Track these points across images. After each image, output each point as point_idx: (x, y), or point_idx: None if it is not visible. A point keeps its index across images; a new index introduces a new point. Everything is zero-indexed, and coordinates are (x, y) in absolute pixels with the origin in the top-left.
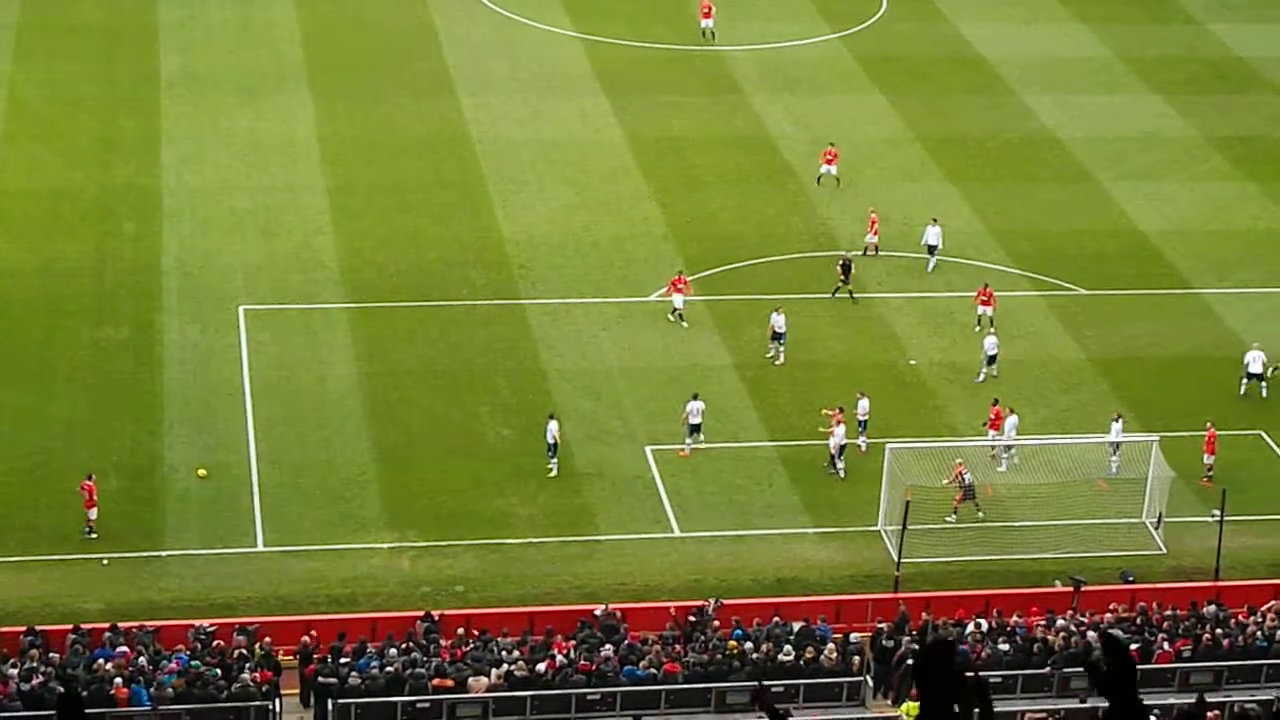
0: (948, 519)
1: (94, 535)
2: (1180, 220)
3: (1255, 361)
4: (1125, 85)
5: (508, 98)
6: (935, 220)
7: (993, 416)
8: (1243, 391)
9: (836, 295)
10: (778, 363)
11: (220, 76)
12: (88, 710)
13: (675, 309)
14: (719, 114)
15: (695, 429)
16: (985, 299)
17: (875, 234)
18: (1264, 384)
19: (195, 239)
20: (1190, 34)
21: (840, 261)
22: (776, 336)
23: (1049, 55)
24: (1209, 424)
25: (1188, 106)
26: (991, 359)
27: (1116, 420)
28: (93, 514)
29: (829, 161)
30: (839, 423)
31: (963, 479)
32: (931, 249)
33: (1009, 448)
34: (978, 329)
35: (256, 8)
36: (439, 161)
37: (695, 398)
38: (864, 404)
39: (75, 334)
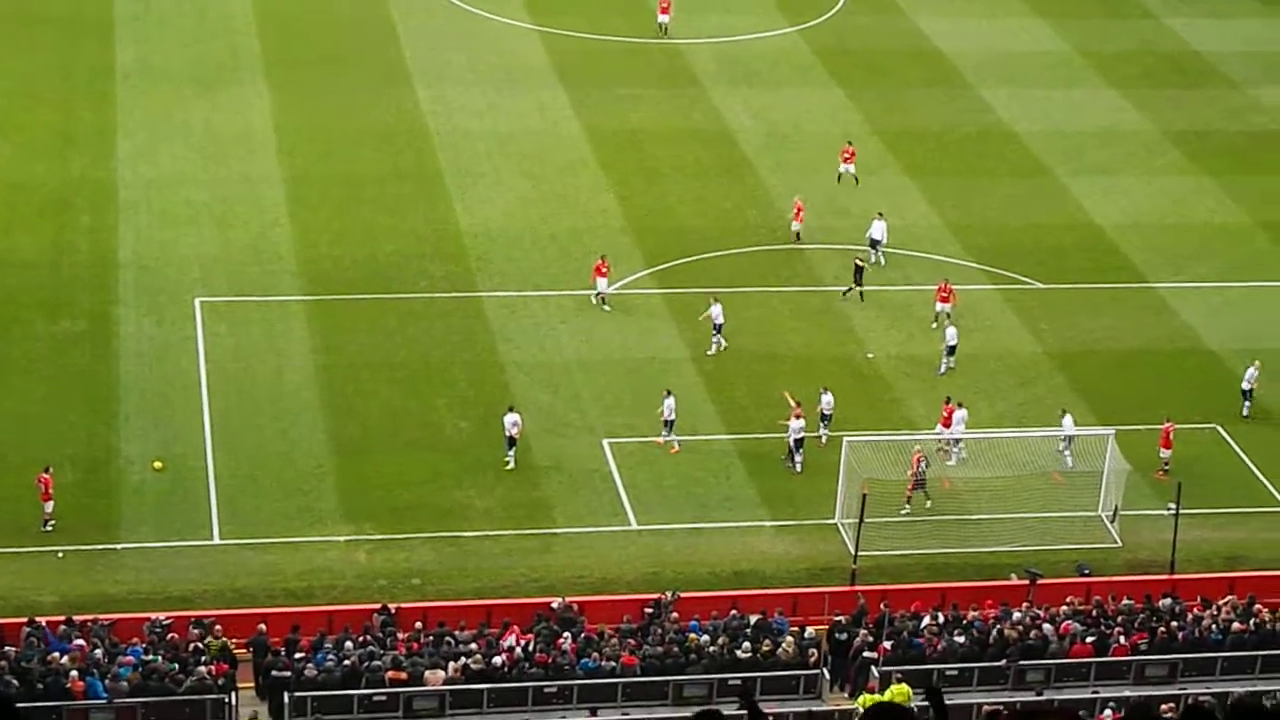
0: (902, 510)
1: (50, 528)
2: (1136, 214)
3: (1250, 378)
4: (1082, 80)
5: (465, 90)
6: (881, 215)
7: (945, 414)
8: (1245, 413)
9: (847, 296)
10: (711, 352)
11: (176, 68)
12: (42, 704)
13: (598, 293)
14: (677, 107)
15: (669, 425)
16: (945, 295)
17: (800, 221)
18: (1247, 402)
19: (151, 231)
20: (1147, 28)
21: (856, 260)
22: (716, 328)
23: (1006, 49)
24: (1166, 418)
25: (1144, 101)
26: (951, 349)
27: (1064, 415)
28: (49, 507)
29: (847, 160)
30: (797, 416)
31: (921, 467)
32: (874, 243)
33: (957, 441)
34: (934, 325)
35: None
36: (396, 154)
37: (669, 394)
38: (828, 398)
39: (31, 326)
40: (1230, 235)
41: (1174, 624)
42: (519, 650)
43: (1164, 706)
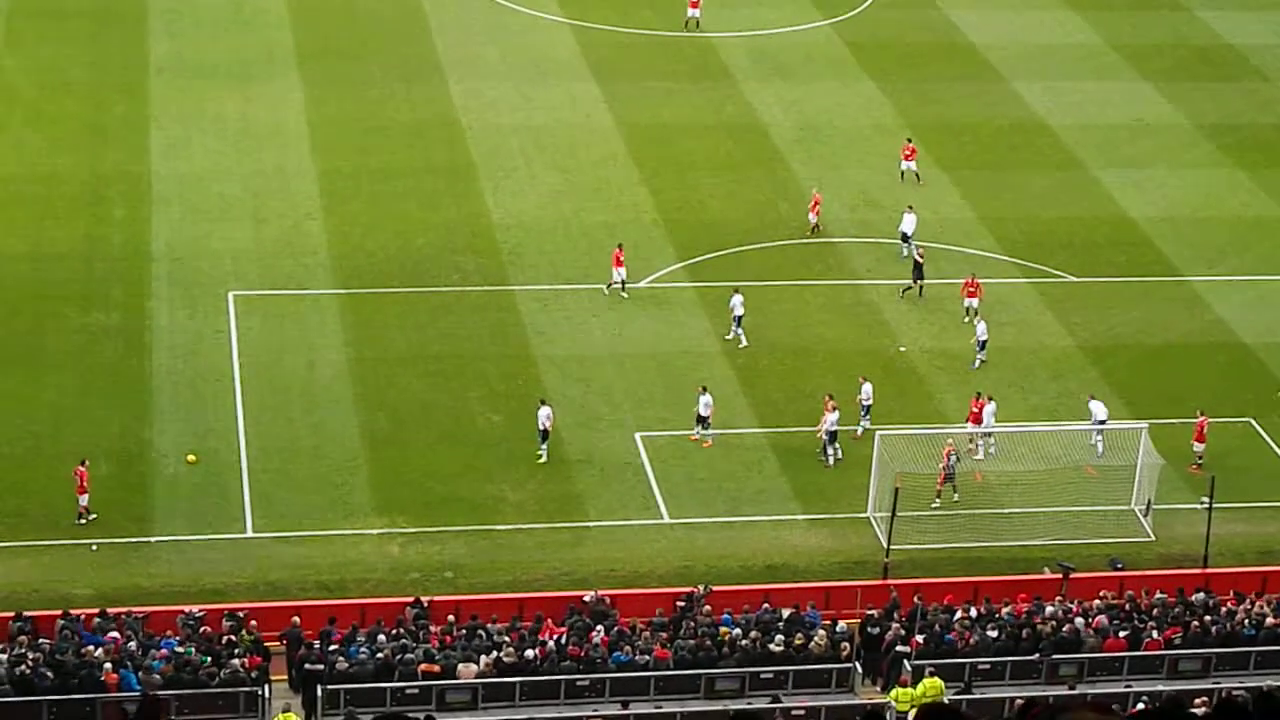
0: (933, 505)
1: (84, 521)
2: (1169, 207)
3: None
4: (1115, 72)
5: (497, 83)
6: (911, 208)
7: (975, 409)
8: None
9: (905, 294)
10: (729, 337)
11: (210, 62)
12: (77, 696)
13: (613, 282)
14: (709, 100)
15: (702, 420)
16: (972, 290)
17: (817, 214)
18: None
19: (185, 225)
20: (1179, 20)
21: (915, 258)
22: (737, 319)
23: (1038, 42)
24: (1199, 412)
25: (1177, 93)
26: (982, 344)
27: (1091, 401)
28: (84, 500)
29: (909, 157)
30: (833, 409)
31: (950, 460)
32: (906, 237)
33: (988, 434)
34: (966, 320)
35: None
36: (429, 147)
37: (704, 391)
38: (867, 388)
39: (65, 320)
40: (1263, 228)
41: (1207, 618)
42: (551, 643)
43: (1197, 700)
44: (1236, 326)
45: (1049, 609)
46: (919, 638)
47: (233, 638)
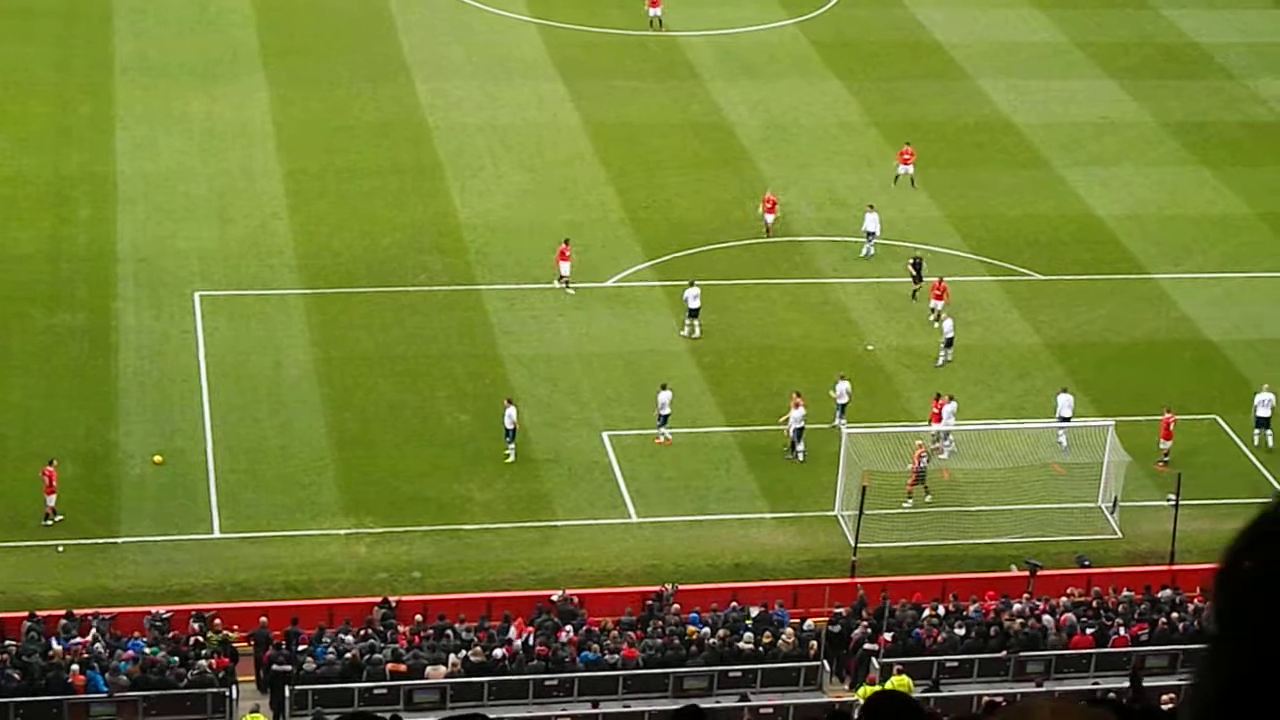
0: (904, 504)
1: (50, 523)
2: (1135, 205)
3: (1264, 405)
4: (1080, 70)
5: (463, 83)
6: (872, 207)
7: (935, 409)
8: (1256, 442)
9: (916, 297)
10: (683, 334)
11: (175, 61)
12: (44, 697)
13: (561, 276)
14: (675, 99)
15: (664, 419)
16: (939, 293)
17: (772, 214)
18: (1269, 432)
19: (150, 225)
20: (1144, 19)
21: (911, 260)
22: (692, 313)
23: (1004, 40)
24: (1166, 409)
25: (1142, 91)
26: (949, 342)
27: (1063, 393)
28: (52, 500)
29: (906, 160)
30: (797, 405)
31: (921, 462)
32: (869, 235)
33: (947, 434)
34: (932, 319)
35: None
36: (395, 147)
37: (664, 388)
38: (843, 386)
39: (30, 320)
40: (1229, 226)
41: (1174, 615)
42: (519, 643)
43: (1164, 697)
44: (1202, 324)
45: (1016, 606)
46: (887, 635)
47: (200, 639)
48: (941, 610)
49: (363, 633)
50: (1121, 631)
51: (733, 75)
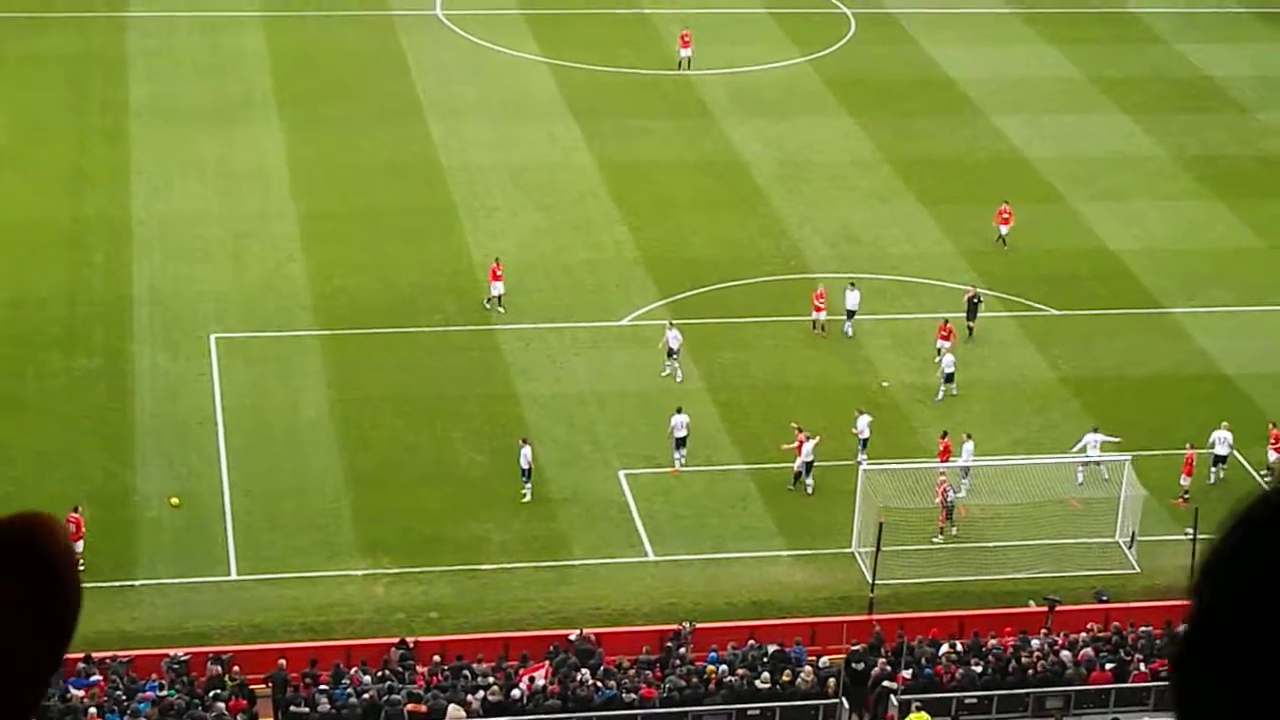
0: (935, 539)
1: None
2: (1150, 240)
3: (1222, 443)
4: (1093, 105)
5: (477, 123)
6: (854, 284)
7: (941, 448)
8: (1212, 479)
9: (972, 335)
10: (664, 374)
11: (189, 104)
12: None
13: (490, 296)
14: (688, 138)
15: (681, 443)
16: (945, 334)
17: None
18: (1220, 469)
19: (166, 268)
20: (1157, 53)
21: (968, 297)
22: (671, 353)
23: (1017, 76)
24: (1188, 445)
25: (1156, 126)
26: (949, 377)
27: (1094, 432)
28: (78, 547)
29: (1005, 221)
30: (805, 439)
31: (946, 497)
32: (850, 313)
33: (965, 472)
34: (936, 359)
35: (225, 35)
36: (409, 187)
37: (680, 411)
38: (863, 420)
39: (47, 364)
40: (1244, 259)
41: None
42: (538, 682)
43: None
44: (1218, 358)
45: (1035, 642)
46: (905, 672)
47: (218, 681)
48: (959, 646)
49: (381, 674)
50: (1141, 667)
51: (746, 113)
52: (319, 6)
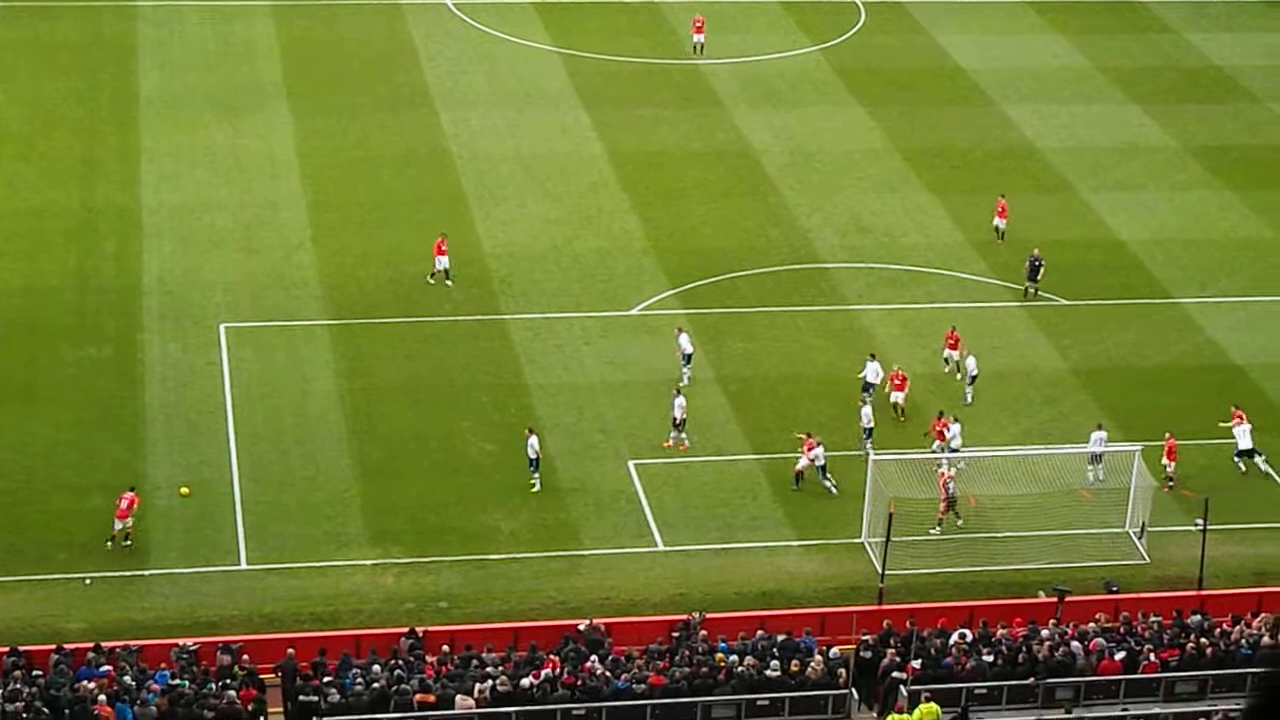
0: (932, 531)
1: (112, 546)
2: (1160, 230)
3: (1244, 436)
4: (1104, 95)
5: (486, 112)
6: (874, 356)
7: (938, 427)
8: (1243, 470)
9: (1028, 296)
10: (684, 384)
11: (200, 94)
12: None
13: (435, 271)
14: (699, 127)
15: (677, 425)
16: (953, 343)
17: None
18: (1250, 459)
19: (176, 257)
20: (1167, 43)
21: (1030, 258)
22: (685, 358)
23: (1027, 66)
24: (1168, 434)
25: (1166, 116)
26: (973, 379)
27: (1098, 430)
28: (119, 526)
29: (1002, 214)
30: (815, 444)
31: (947, 488)
32: (867, 386)
33: (954, 452)
34: (947, 370)
35: (236, 25)
36: (419, 177)
37: (679, 393)
38: (866, 411)
39: (57, 353)
40: (1253, 249)
41: (1203, 640)
42: (546, 671)
43: None
44: (1228, 348)
45: (1045, 632)
46: (915, 663)
47: (227, 670)
48: (969, 637)
49: (390, 663)
50: (1151, 657)
51: (756, 102)
52: None
